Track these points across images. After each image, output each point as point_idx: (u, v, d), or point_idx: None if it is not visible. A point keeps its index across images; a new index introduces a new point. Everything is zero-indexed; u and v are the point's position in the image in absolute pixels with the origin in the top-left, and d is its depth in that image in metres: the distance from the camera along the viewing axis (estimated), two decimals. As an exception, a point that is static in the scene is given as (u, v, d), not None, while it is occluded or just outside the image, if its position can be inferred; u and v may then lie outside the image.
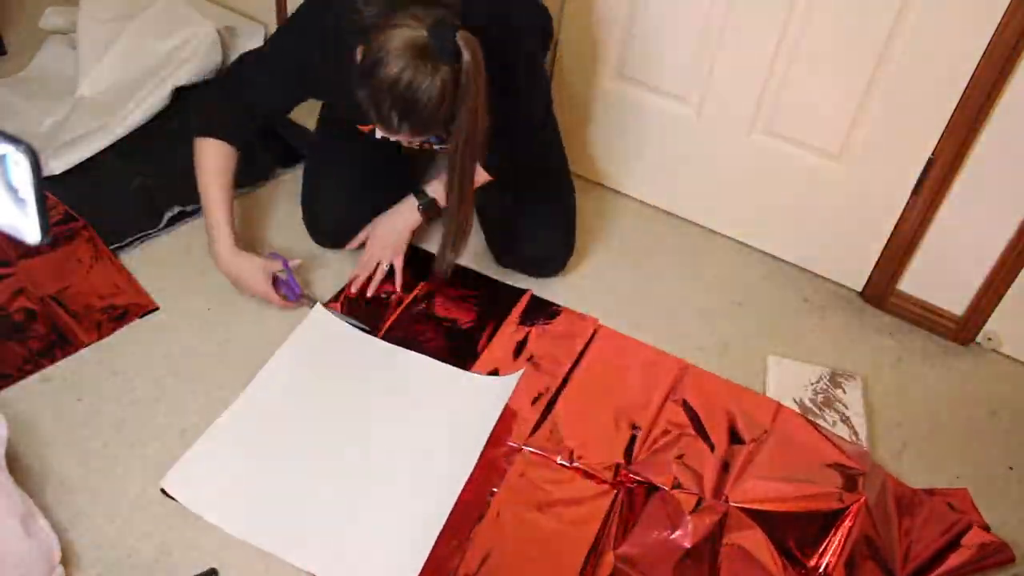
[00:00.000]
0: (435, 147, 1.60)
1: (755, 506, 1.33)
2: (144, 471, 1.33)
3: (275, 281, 1.58)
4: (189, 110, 1.57)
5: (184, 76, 2.01)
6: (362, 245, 1.70)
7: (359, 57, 1.31)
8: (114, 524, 1.26)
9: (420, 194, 1.65)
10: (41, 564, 1.15)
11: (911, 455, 1.53)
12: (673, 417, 1.49)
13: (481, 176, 1.63)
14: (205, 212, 1.56)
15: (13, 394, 1.41)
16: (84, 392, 1.43)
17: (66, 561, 1.19)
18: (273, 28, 2.24)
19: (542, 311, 1.68)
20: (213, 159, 1.53)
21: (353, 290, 1.65)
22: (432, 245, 1.79)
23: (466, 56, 1.23)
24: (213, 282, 1.64)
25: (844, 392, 1.61)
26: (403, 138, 1.34)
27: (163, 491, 1.30)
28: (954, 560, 1.33)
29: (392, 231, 1.67)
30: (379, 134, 1.37)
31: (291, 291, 1.60)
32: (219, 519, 1.28)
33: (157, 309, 1.58)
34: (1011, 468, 1.54)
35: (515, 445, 1.42)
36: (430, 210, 1.65)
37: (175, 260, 1.68)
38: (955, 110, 1.53)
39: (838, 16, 1.56)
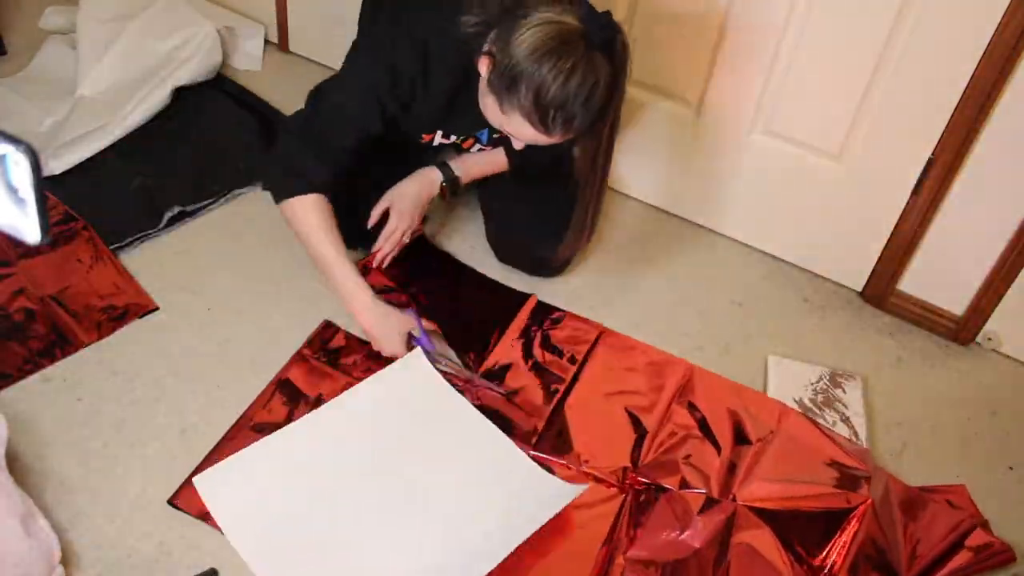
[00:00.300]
0: (481, 147, 1.59)
1: (762, 505, 1.34)
2: (144, 471, 1.33)
3: (409, 339, 1.51)
4: (268, 162, 1.47)
5: (184, 76, 2.02)
6: (376, 231, 1.63)
7: (489, 65, 1.27)
8: (114, 524, 1.26)
9: (444, 167, 1.62)
10: (41, 564, 1.15)
11: (911, 455, 1.53)
12: (679, 419, 1.50)
13: (494, 166, 1.63)
14: (327, 273, 1.45)
15: (13, 394, 1.41)
16: (84, 392, 1.43)
17: (66, 561, 1.19)
18: (273, 28, 2.24)
19: (547, 315, 1.68)
20: (316, 217, 1.41)
21: (375, 263, 1.62)
22: (449, 244, 1.80)
23: (620, 40, 1.21)
24: (213, 282, 1.64)
25: (844, 392, 1.61)
26: (553, 139, 1.29)
27: (170, 502, 1.29)
28: (957, 561, 1.34)
29: (416, 199, 1.62)
30: (437, 139, 1.40)
31: (423, 344, 1.51)
32: (234, 534, 1.26)
33: (157, 309, 1.58)
34: (1011, 468, 1.54)
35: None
36: (451, 187, 1.63)
37: (175, 260, 1.68)
38: (955, 110, 1.53)
39: (838, 16, 1.56)
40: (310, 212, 1.42)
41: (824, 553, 1.31)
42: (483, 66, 1.29)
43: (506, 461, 1.40)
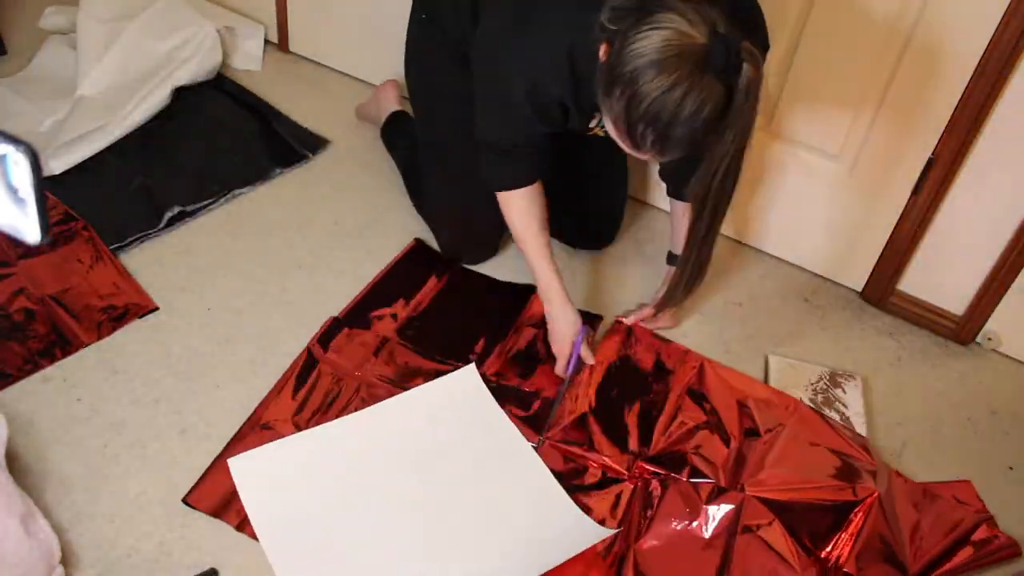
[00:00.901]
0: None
1: (771, 496, 1.35)
2: (144, 471, 1.33)
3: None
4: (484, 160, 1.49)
5: (184, 76, 2.02)
6: None
7: (605, 57, 1.15)
8: (114, 524, 1.26)
9: (672, 258, 1.60)
10: (41, 564, 1.15)
11: (911, 455, 1.53)
12: (689, 410, 1.50)
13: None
14: (528, 259, 1.52)
15: (13, 394, 1.41)
16: (84, 392, 1.43)
17: (66, 561, 1.19)
18: (273, 28, 2.24)
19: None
20: (519, 214, 1.48)
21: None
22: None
23: (747, 72, 1.06)
24: (213, 282, 1.64)
25: (844, 392, 1.61)
26: (645, 156, 1.17)
27: (184, 501, 1.29)
28: (963, 556, 1.35)
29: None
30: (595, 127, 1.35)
31: (573, 363, 1.51)
32: (258, 521, 1.27)
33: (157, 309, 1.58)
34: (1011, 468, 1.55)
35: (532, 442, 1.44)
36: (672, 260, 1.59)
37: (175, 260, 1.68)
38: (955, 110, 1.53)
39: (839, 17, 1.56)
40: (514, 209, 1.48)
41: (831, 545, 1.32)
42: (602, 51, 1.16)
43: (541, 491, 1.37)
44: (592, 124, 1.44)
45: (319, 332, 1.56)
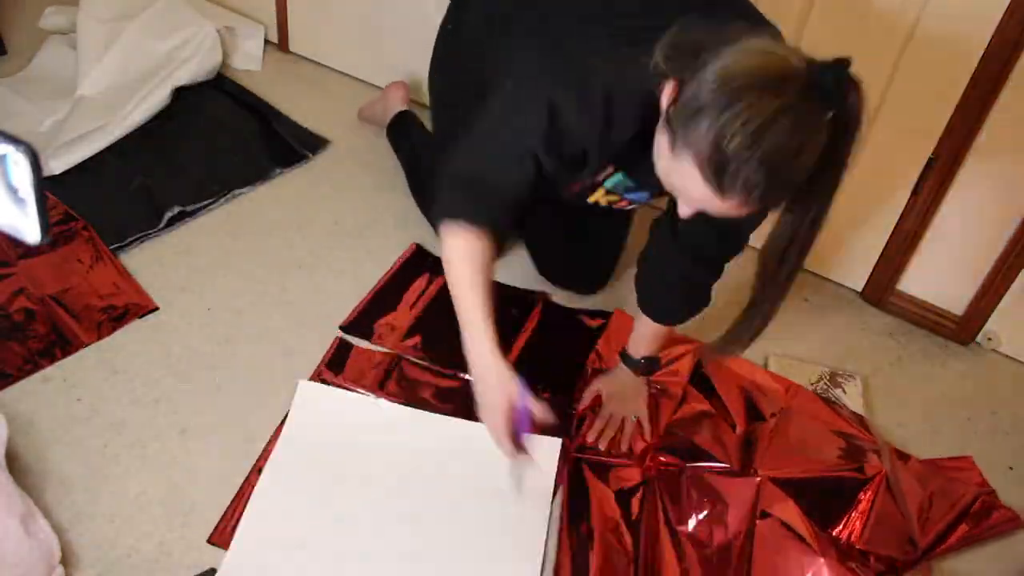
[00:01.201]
0: (632, 206, 1.40)
1: (784, 475, 1.37)
2: (144, 471, 1.33)
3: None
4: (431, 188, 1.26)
5: (184, 76, 2.02)
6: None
7: (673, 93, 0.97)
8: (114, 524, 1.26)
9: (626, 358, 1.48)
10: (41, 564, 1.15)
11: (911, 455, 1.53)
12: (695, 398, 1.52)
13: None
14: (459, 312, 1.22)
15: (13, 394, 1.40)
16: (84, 392, 1.43)
17: (66, 561, 1.19)
18: (273, 28, 2.24)
19: (559, 313, 1.69)
20: (457, 248, 1.20)
21: (602, 446, 1.44)
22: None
23: (852, 99, 0.93)
24: (213, 282, 1.64)
25: (844, 392, 1.61)
26: (727, 207, 0.97)
27: (209, 541, 1.26)
28: (967, 528, 1.38)
29: (622, 394, 1.49)
30: (596, 200, 1.26)
31: (522, 423, 1.18)
32: (281, 452, 1.35)
33: (157, 309, 1.58)
34: (1011, 468, 1.55)
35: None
36: (650, 369, 1.48)
37: (175, 260, 1.68)
38: (955, 110, 1.53)
39: (839, 17, 1.56)
40: (454, 247, 1.21)
41: (842, 524, 1.34)
42: (666, 94, 0.99)
43: (525, 549, 1.31)
44: (600, 177, 1.29)
45: (328, 355, 1.53)
